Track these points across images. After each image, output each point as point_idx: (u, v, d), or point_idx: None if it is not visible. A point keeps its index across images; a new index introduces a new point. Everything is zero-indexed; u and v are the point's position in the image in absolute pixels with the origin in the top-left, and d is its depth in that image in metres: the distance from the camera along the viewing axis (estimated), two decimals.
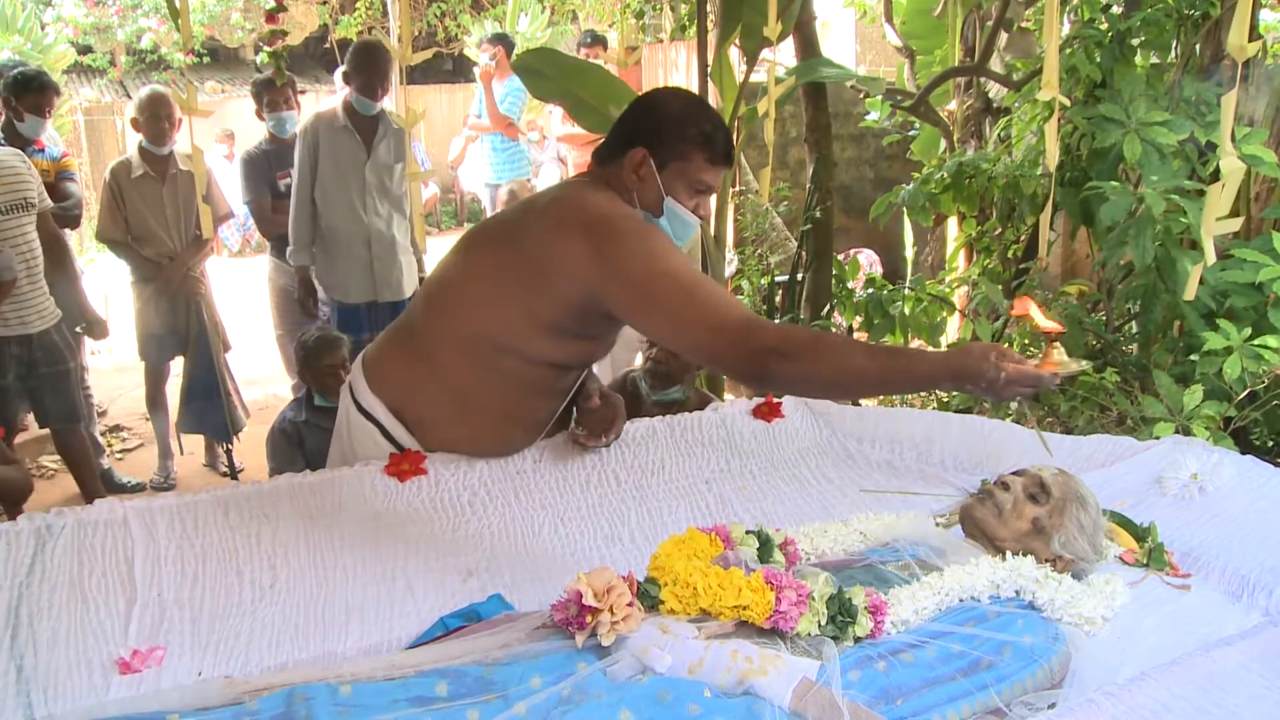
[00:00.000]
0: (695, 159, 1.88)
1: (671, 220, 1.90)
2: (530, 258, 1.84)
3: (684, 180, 1.89)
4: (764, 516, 1.99)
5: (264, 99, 4.36)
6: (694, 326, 1.69)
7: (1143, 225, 2.90)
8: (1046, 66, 2.66)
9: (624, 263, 1.75)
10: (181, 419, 4.27)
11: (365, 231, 4.11)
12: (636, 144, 1.89)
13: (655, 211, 1.90)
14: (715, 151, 1.89)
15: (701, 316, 1.68)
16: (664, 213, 1.89)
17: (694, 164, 1.88)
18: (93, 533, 1.74)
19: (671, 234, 1.90)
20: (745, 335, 1.64)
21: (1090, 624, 1.58)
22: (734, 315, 1.67)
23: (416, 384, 1.98)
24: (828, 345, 1.68)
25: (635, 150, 1.88)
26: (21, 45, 10.77)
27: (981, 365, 1.52)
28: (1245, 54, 2.36)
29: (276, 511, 1.86)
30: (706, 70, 3.89)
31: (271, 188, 4.37)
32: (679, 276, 1.72)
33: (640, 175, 1.88)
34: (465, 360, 1.92)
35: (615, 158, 1.91)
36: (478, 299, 1.90)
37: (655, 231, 1.84)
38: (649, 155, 1.88)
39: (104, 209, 4.22)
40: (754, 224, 6.20)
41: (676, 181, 1.89)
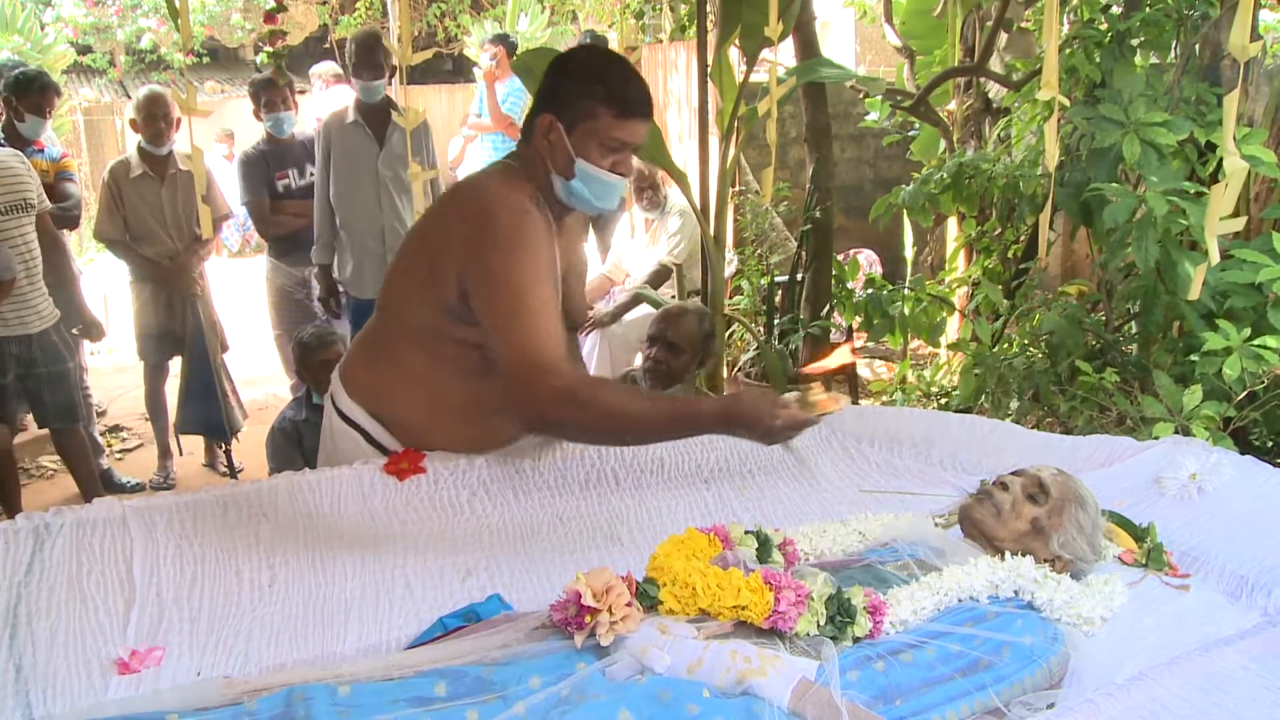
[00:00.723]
0: (603, 116, 1.82)
1: (587, 182, 1.86)
2: (431, 244, 1.90)
3: (594, 139, 1.84)
4: (763, 516, 1.99)
5: (261, 99, 4.36)
6: (507, 346, 1.76)
7: (1145, 227, 2.90)
8: (1046, 66, 2.66)
9: (485, 258, 1.80)
10: (180, 419, 4.27)
11: (379, 225, 4.12)
12: (545, 109, 1.86)
13: (568, 175, 1.86)
14: (623, 106, 1.83)
15: (517, 340, 1.75)
16: (576, 175, 1.85)
17: (602, 121, 1.83)
18: (91, 532, 1.74)
19: (590, 196, 1.87)
20: (538, 375, 1.73)
21: (1089, 624, 1.58)
22: (543, 352, 1.74)
23: (385, 385, 1.99)
24: (610, 395, 1.77)
25: (543, 116, 1.85)
26: (21, 45, 10.77)
27: (759, 411, 1.69)
28: (1247, 54, 2.36)
29: (275, 511, 1.86)
30: (706, 70, 3.89)
31: (270, 188, 4.37)
32: (521, 296, 1.77)
33: (551, 141, 1.85)
34: (419, 354, 1.93)
35: (527, 132, 1.90)
36: (409, 292, 1.93)
37: (531, 237, 1.82)
38: (556, 119, 1.84)
39: (102, 209, 4.22)
40: (754, 224, 6.20)
41: (587, 142, 1.84)
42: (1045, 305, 3.66)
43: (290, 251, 4.43)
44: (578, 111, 1.83)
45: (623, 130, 1.85)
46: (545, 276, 1.83)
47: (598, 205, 1.90)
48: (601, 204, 1.90)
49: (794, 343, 4.52)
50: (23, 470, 4.50)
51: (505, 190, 1.87)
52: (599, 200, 1.89)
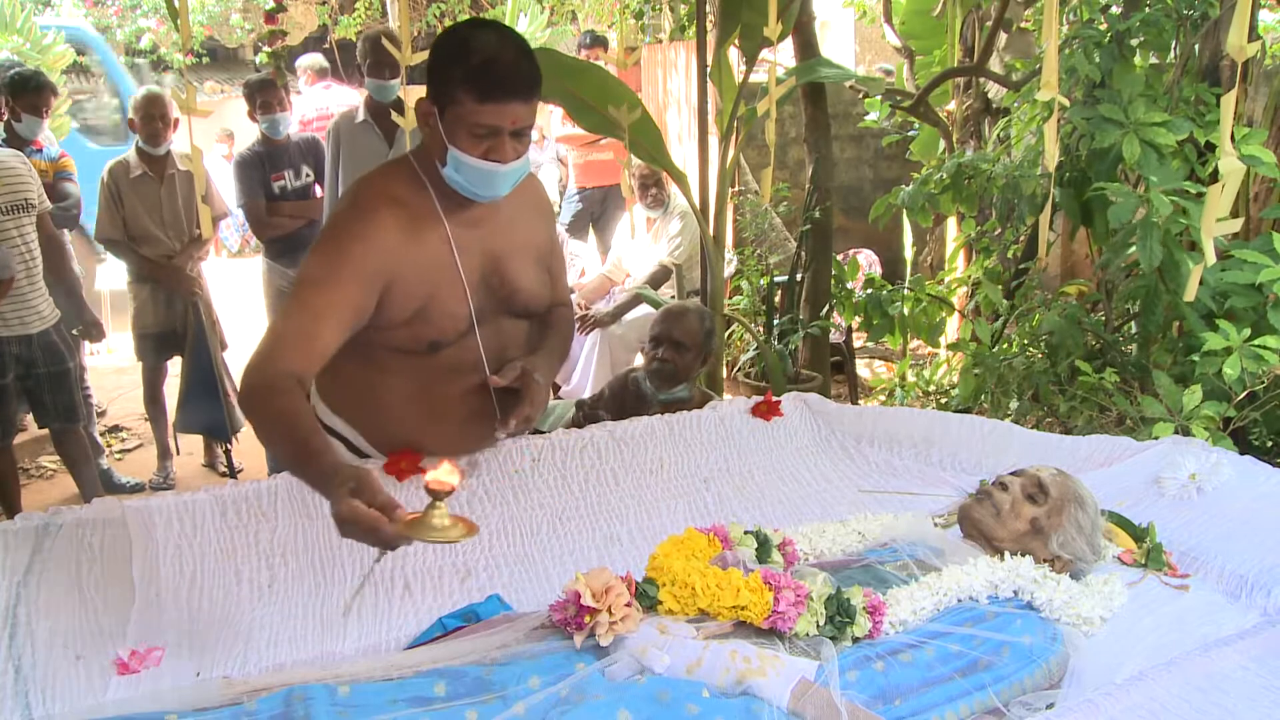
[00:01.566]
0: (466, 101, 1.69)
1: (461, 171, 1.74)
2: None
3: (463, 125, 1.71)
4: (762, 516, 1.99)
5: (257, 100, 4.36)
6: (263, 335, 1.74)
7: (1149, 228, 2.90)
8: (1046, 67, 2.66)
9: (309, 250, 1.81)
10: (180, 419, 4.27)
11: None
12: (427, 95, 1.77)
13: (438, 160, 1.77)
14: (484, 89, 1.68)
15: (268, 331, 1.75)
16: (448, 163, 1.75)
17: (465, 107, 1.69)
18: (91, 532, 1.74)
19: (468, 184, 1.76)
20: (260, 362, 1.67)
21: (1088, 624, 1.58)
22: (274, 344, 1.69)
23: (345, 395, 1.98)
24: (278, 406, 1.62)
25: (420, 101, 1.77)
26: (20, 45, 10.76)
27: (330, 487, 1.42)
28: (1245, 54, 2.36)
29: (275, 511, 1.86)
30: (706, 70, 3.89)
31: (266, 189, 4.37)
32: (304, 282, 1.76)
33: (430, 126, 1.76)
34: (353, 364, 1.87)
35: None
36: None
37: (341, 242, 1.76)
38: (432, 104, 1.74)
39: (102, 209, 4.22)
40: (753, 224, 6.20)
41: (457, 128, 1.72)
42: (1045, 305, 3.66)
43: (287, 253, 4.43)
44: (445, 96, 1.72)
45: (489, 115, 1.70)
46: (342, 280, 1.74)
47: (479, 194, 1.78)
48: (482, 192, 1.78)
49: (794, 343, 4.52)
50: (22, 470, 4.50)
51: (367, 186, 1.84)
52: (478, 188, 1.77)
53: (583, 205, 6.44)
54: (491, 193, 1.79)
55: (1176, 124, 3.12)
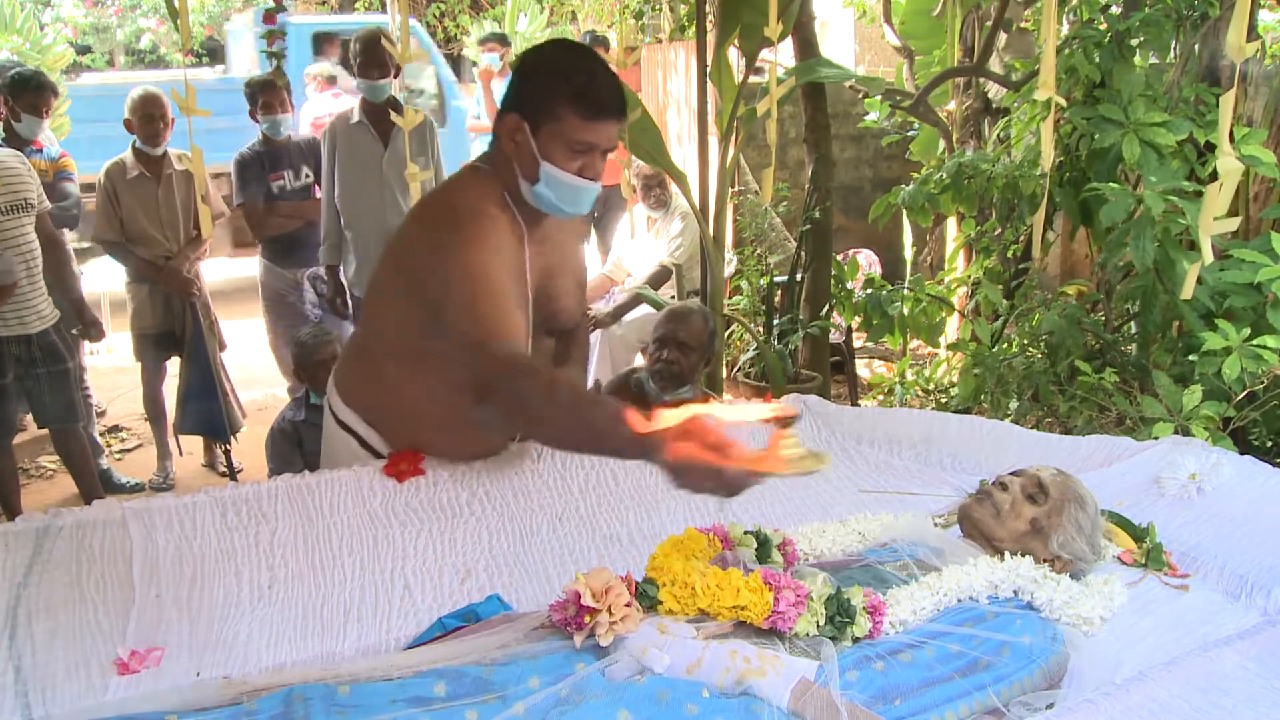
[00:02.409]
0: (568, 118, 1.73)
1: (552, 186, 1.77)
2: (403, 257, 1.86)
3: (560, 141, 1.74)
4: (762, 517, 1.99)
5: (258, 101, 4.36)
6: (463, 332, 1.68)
7: (1142, 226, 2.90)
8: (1044, 67, 2.66)
9: (445, 266, 1.73)
10: (179, 420, 4.27)
11: (384, 226, 4.12)
12: (510, 109, 1.78)
13: (532, 179, 1.78)
14: (590, 106, 1.73)
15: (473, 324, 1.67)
16: (540, 179, 1.77)
17: (567, 123, 1.73)
18: (91, 533, 1.74)
19: (557, 200, 1.79)
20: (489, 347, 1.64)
21: (1088, 624, 1.58)
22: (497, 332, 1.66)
23: (375, 394, 1.98)
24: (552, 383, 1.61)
25: (508, 116, 1.77)
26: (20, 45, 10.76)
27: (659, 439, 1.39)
28: (1243, 54, 2.36)
29: (275, 512, 1.86)
30: (706, 71, 3.89)
31: (265, 190, 4.37)
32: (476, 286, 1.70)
33: (517, 142, 1.77)
34: (402, 367, 1.88)
35: (496, 132, 1.84)
36: (391, 303, 1.90)
37: (490, 241, 1.76)
38: (522, 120, 1.76)
39: (99, 210, 4.21)
40: (753, 224, 6.20)
41: (553, 144, 1.75)
42: (1045, 305, 3.66)
43: (283, 254, 4.43)
44: (543, 112, 1.74)
45: (590, 132, 1.75)
46: (504, 273, 1.75)
47: (565, 210, 1.81)
48: (569, 209, 1.81)
49: (793, 343, 4.52)
50: (22, 470, 4.50)
51: (463, 195, 1.82)
52: (566, 205, 1.80)
53: None
54: (576, 210, 1.83)
55: (1176, 124, 3.12)
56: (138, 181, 4.19)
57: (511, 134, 1.78)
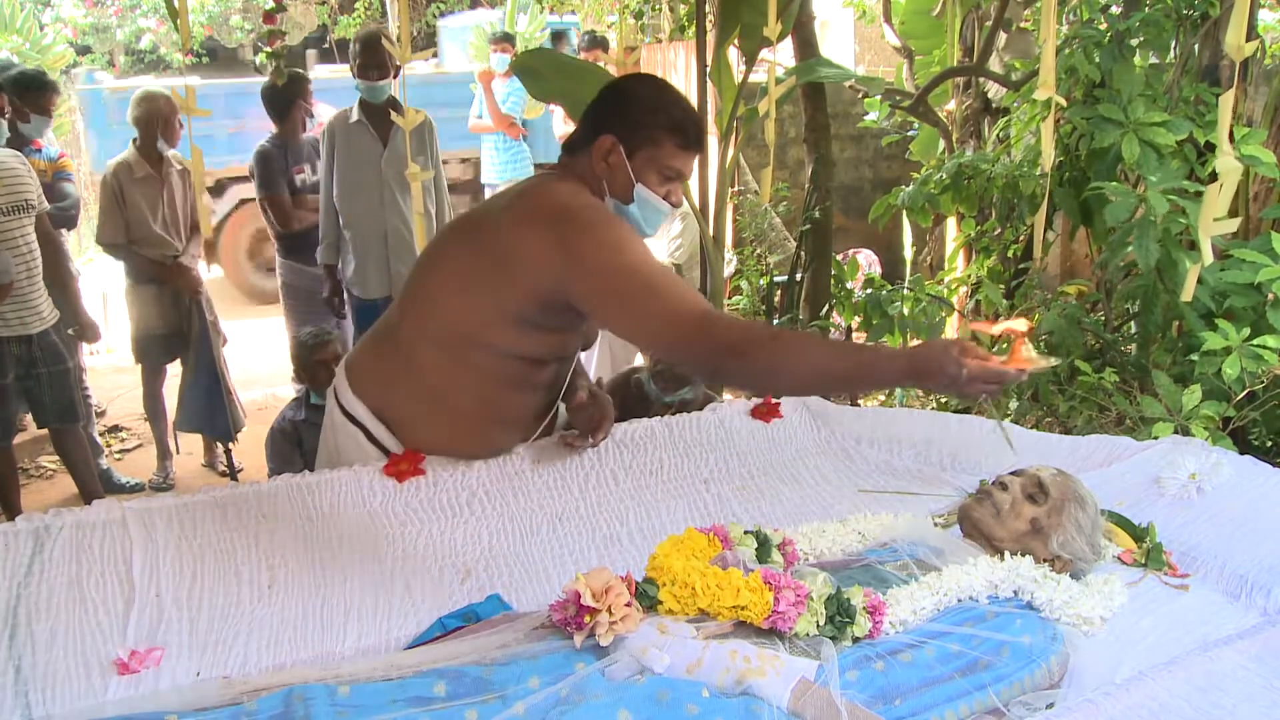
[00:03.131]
0: (666, 145, 1.85)
1: (642, 208, 1.88)
2: (496, 250, 1.85)
3: (654, 167, 1.86)
4: (762, 517, 1.99)
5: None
6: (653, 319, 1.68)
7: (1145, 226, 2.90)
8: (1043, 66, 2.66)
9: (586, 254, 1.74)
10: (182, 418, 4.27)
11: (382, 226, 4.12)
12: (605, 131, 1.86)
13: (625, 199, 1.87)
14: (686, 137, 1.87)
15: (661, 308, 1.67)
16: (634, 200, 1.87)
17: (664, 150, 1.86)
18: (91, 533, 1.74)
19: (642, 221, 1.89)
20: (705, 328, 1.64)
21: (1088, 624, 1.58)
22: (694, 308, 1.66)
23: (395, 384, 1.98)
24: (788, 341, 1.67)
25: (604, 138, 1.86)
26: (20, 45, 10.76)
27: (943, 361, 1.50)
28: (1243, 54, 2.36)
29: (275, 512, 1.86)
30: (706, 70, 3.89)
31: (288, 183, 4.36)
32: (640, 269, 1.72)
33: (610, 163, 1.86)
34: (440, 357, 1.91)
35: (584, 147, 1.89)
36: (448, 295, 1.90)
37: (619, 223, 1.82)
38: (618, 143, 1.85)
39: (105, 211, 4.20)
40: (753, 224, 6.21)
41: (647, 168, 1.86)
42: (1044, 305, 3.66)
43: (299, 249, 4.42)
44: (641, 138, 1.85)
45: (682, 161, 1.88)
46: (648, 252, 1.81)
47: (646, 231, 1.91)
48: (649, 230, 1.92)
49: None
50: (22, 470, 4.50)
51: (573, 193, 1.86)
52: (648, 226, 1.91)
53: None
54: (652, 232, 1.94)
55: (1176, 124, 3.12)
56: (145, 182, 4.20)
57: (606, 155, 1.86)
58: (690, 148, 1.88)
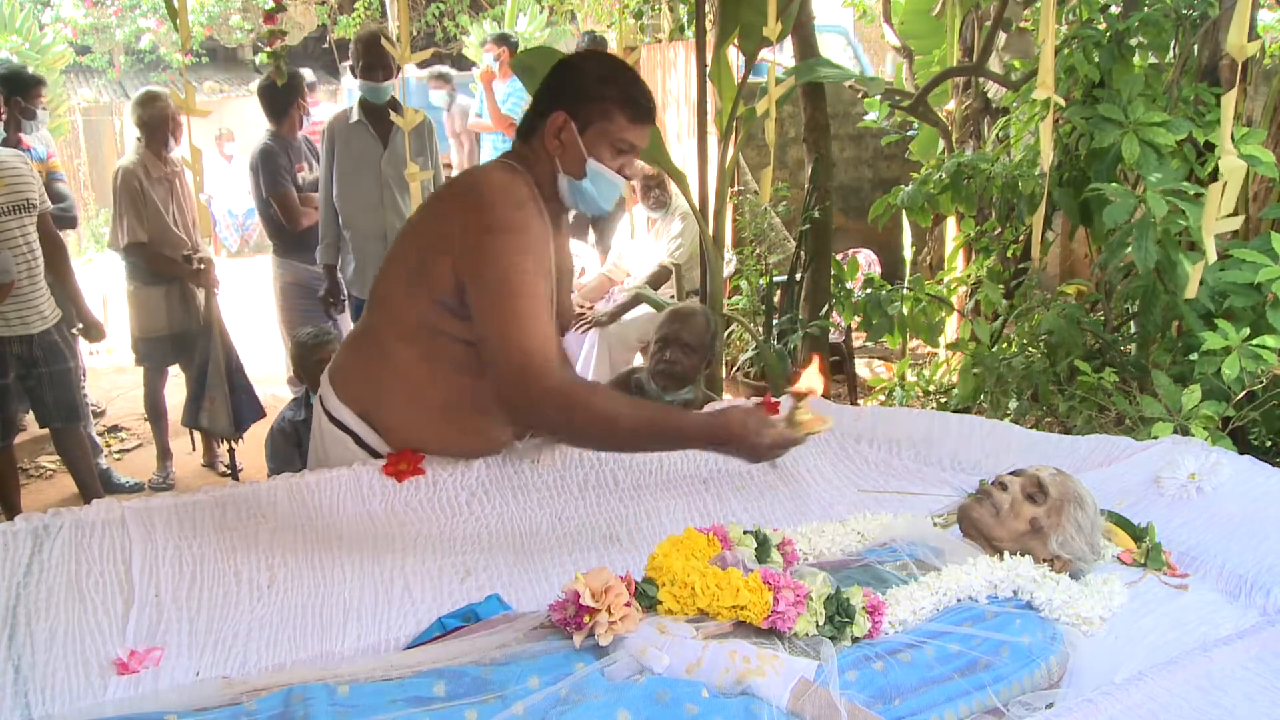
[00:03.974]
0: (617, 118, 1.86)
1: (596, 182, 1.89)
2: (425, 237, 1.89)
3: (607, 140, 1.87)
4: (761, 516, 1.99)
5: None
6: (504, 347, 1.76)
7: (1144, 228, 2.90)
8: (1042, 66, 2.66)
9: (484, 252, 1.79)
10: (193, 415, 4.25)
11: (382, 226, 4.12)
12: (556, 108, 1.87)
13: (578, 174, 1.88)
14: (638, 109, 1.88)
15: (515, 341, 1.75)
16: (586, 175, 1.88)
17: (616, 123, 1.86)
18: (90, 533, 1.74)
19: (597, 196, 1.90)
20: (538, 376, 1.73)
21: (1088, 624, 1.58)
22: (540, 354, 1.75)
23: (378, 386, 1.98)
24: (600, 400, 1.77)
25: (556, 114, 1.86)
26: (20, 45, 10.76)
27: (744, 431, 1.69)
28: (1244, 54, 2.36)
29: (274, 511, 1.86)
30: (705, 70, 3.89)
31: (293, 179, 4.36)
32: (518, 293, 1.77)
33: (562, 139, 1.87)
34: (411, 351, 1.92)
35: (536, 128, 1.90)
36: (400, 289, 1.92)
37: (533, 233, 1.82)
38: (570, 119, 1.85)
39: (127, 214, 4.17)
40: (752, 224, 6.20)
41: (599, 143, 1.87)
42: (1044, 305, 3.66)
43: (297, 249, 4.42)
44: (592, 112, 1.85)
45: (634, 133, 1.89)
46: (542, 272, 1.83)
47: (601, 206, 1.92)
48: (605, 205, 1.93)
49: (793, 343, 4.52)
50: (22, 470, 4.50)
51: (506, 181, 1.87)
52: (602, 201, 1.91)
53: None
54: (609, 206, 1.95)
55: (1176, 124, 3.12)
56: (159, 182, 4.20)
57: (558, 131, 1.86)
58: (642, 120, 1.89)
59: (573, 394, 1.75)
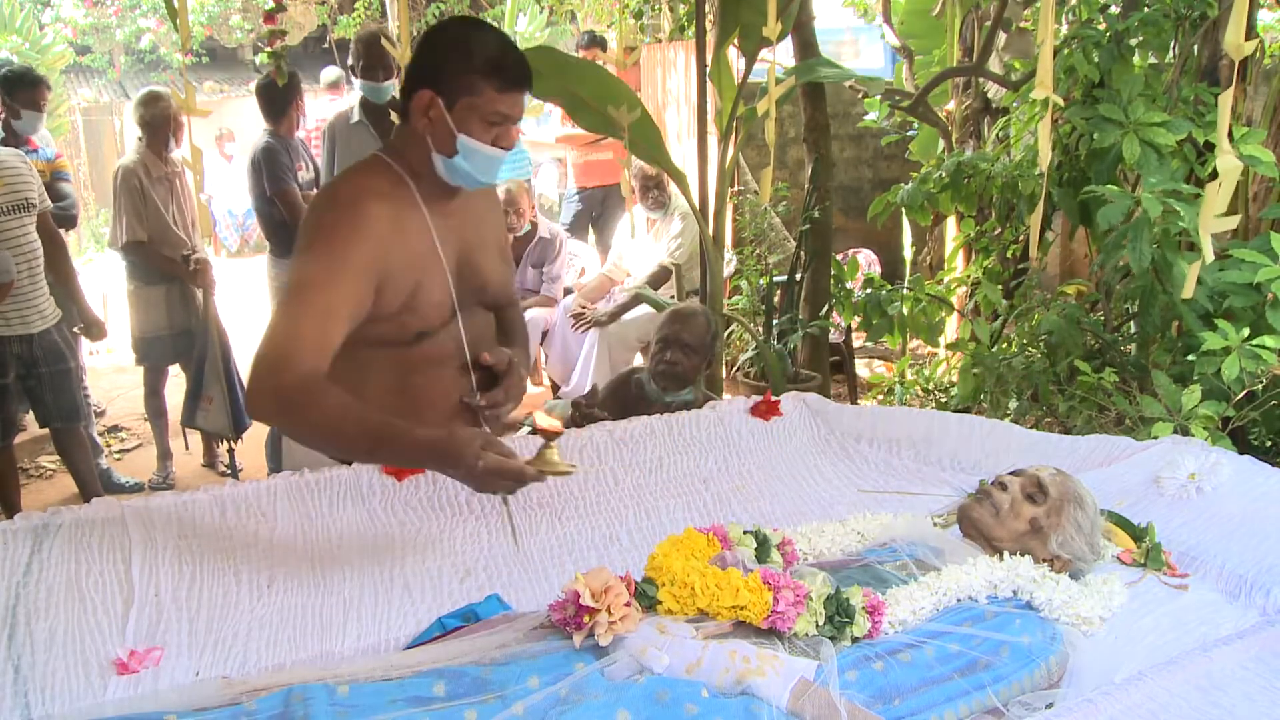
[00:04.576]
0: (485, 91, 1.77)
1: (470, 159, 1.81)
2: None
3: (476, 115, 1.78)
4: (761, 516, 1.99)
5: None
6: (268, 334, 1.70)
7: (1140, 228, 2.90)
8: (1040, 66, 2.65)
9: (297, 247, 1.81)
10: (191, 416, 4.25)
11: None
12: (421, 86, 1.80)
13: (449, 153, 1.80)
14: (505, 78, 1.78)
15: (276, 330, 1.69)
16: (459, 152, 1.80)
17: (484, 96, 1.77)
18: (90, 532, 1.74)
19: (474, 172, 1.82)
20: (284, 367, 1.65)
21: (1088, 624, 1.58)
22: (294, 347, 1.67)
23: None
24: (331, 405, 1.65)
25: (421, 93, 1.79)
26: (20, 45, 10.76)
27: (463, 452, 1.58)
28: (1241, 52, 2.35)
29: (274, 511, 1.86)
30: (705, 70, 3.89)
31: (294, 179, 4.35)
32: (300, 290, 1.73)
33: (431, 118, 1.79)
34: (346, 365, 1.79)
35: (405, 112, 1.84)
36: None
37: (340, 237, 1.76)
38: (436, 96, 1.78)
39: (127, 213, 4.18)
40: (752, 224, 6.20)
41: (469, 118, 1.78)
42: (1044, 305, 3.66)
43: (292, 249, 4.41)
44: (458, 86, 1.77)
45: (505, 103, 1.79)
46: (343, 276, 1.75)
47: (481, 180, 1.85)
48: (484, 179, 1.86)
49: (793, 342, 4.52)
50: (22, 470, 4.50)
51: (345, 182, 1.85)
52: (482, 175, 1.84)
53: (582, 205, 6.44)
54: (491, 179, 1.88)
55: (1176, 124, 3.12)
56: (159, 182, 4.20)
57: (425, 110, 1.79)
58: (511, 88, 1.79)
59: (313, 389, 1.65)
